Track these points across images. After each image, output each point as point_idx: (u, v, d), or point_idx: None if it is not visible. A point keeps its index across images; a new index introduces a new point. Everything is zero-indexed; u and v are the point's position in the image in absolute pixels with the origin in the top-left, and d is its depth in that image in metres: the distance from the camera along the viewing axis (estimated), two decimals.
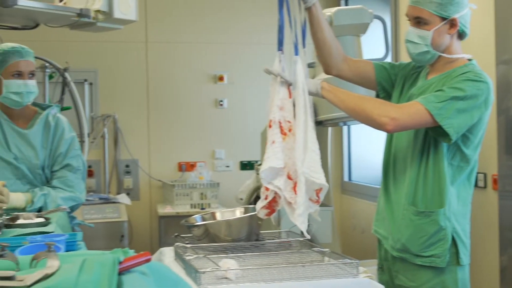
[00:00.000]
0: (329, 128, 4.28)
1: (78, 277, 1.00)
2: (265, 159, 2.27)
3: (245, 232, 2.53)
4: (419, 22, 2.41)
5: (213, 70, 5.81)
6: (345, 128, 5.81)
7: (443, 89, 2.32)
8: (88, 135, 4.88)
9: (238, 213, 2.74)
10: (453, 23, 2.38)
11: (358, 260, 2.15)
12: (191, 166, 5.75)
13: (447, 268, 2.39)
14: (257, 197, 4.45)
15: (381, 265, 2.65)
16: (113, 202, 5.15)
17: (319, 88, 2.41)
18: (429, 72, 2.51)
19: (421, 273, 2.43)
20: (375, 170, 5.33)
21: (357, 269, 2.13)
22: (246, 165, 5.89)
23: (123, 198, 5.30)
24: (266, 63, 2.44)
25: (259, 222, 2.56)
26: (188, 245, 2.42)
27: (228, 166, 5.88)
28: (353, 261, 2.14)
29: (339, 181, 5.87)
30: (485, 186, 3.59)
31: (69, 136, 2.90)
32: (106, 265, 1.03)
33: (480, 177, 3.55)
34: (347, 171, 5.88)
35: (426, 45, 2.39)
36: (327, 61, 2.60)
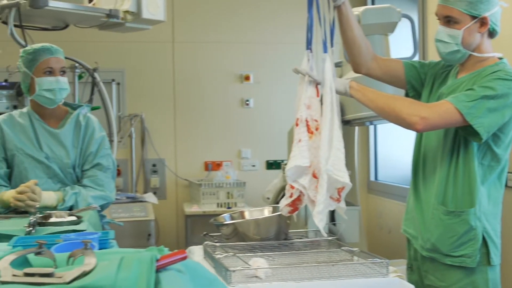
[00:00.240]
0: (355, 127, 4.27)
1: (117, 274, 1.01)
2: (291, 158, 2.28)
3: (273, 231, 2.53)
4: (449, 21, 2.39)
5: (239, 69, 5.83)
6: (371, 127, 5.79)
7: (473, 88, 2.31)
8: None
9: (266, 212, 2.75)
10: (483, 22, 2.36)
11: (387, 259, 2.15)
12: (217, 165, 5.77)
13: (477, 268, 2.38)
14: (284, 196, 4.45)
15: (411, 265, 2.63)
16: (140, 201, 5.19)
17: (347, 87, 2.41)
18: (459, 71, 2.49)
19: (451, 273, 2.41)
20: (401, 169, 5.30)
21: (387, 268, 2.13)
22: (272, 165, 5.90)
23: (150, 197, 5.34)
24: (292, 62, 2.44)
25: (288, 221, 2.56)
26: (217, 244, 2.43)
27: (254, 165, 5.89)
28: (383, 261, 2.14)
29: (365, 181, 5.85)
30: None
31: (99, 135, 2.93)
32: (144, 262, 1.04)
33: (510, 176, 3.51)
34: (373, 170, 5.85)
35: (456, 44, 2.37)
36: (356, 60, 2.60)
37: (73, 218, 2.31)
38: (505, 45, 3.17)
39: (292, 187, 2.28)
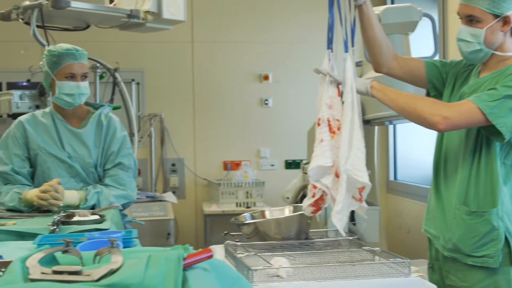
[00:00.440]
0: (375, 127, 4.26)
1: (145, 272, 1.02)
2: (313, 158, 2.28)
3: (294, 230, 2.54)
4: (471, 20, 2.37)
5: (258, 69, 5.84)
6: (390, 127, 5.77)
7: (496, 87, 2.29)
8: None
9: (287, 212, 2.75)
10: (506, 20, 2.34)
11: (409, 259, 2.14)
12: (236, 165, 5.78)
13: (499, 268, 2.36)
14: (304, 196, 4.45)
15: (432, 265, 2.62)
16: (160, 200, 5.22)
17: (368, 87, 2.41)
18: (481, 70, 2.48)
19: (472, 274, 2.40)
20: (421, 169, 5.28)
21: (409, 268, 2.12)
22: (291, 164, 5.90)
23: (170, 196, 5.37)
24: (311, 62, 2.45)
25: (308, 220, 2.56)
26: (238, 243, 2.44)
27: (273, 165, 5.90)
28: (405, 261, 2.13)
29: (384, 181, 5.84)
30: None
31: (121, 135, 2.95)
32: (171, 261, 1.05)
33: None
34: (392, 170, 5.84)
35: (478, 43, 2.36)
36: (377, 59, 2.59)
37: (96, 217, 2.32)
38: None
39: (314, 187, 2.28)
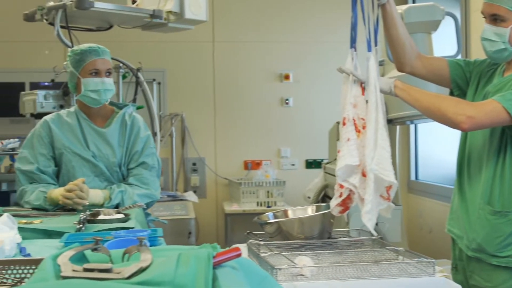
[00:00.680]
0: (397, 126, 4.25)
1: (176, 270, 1.03)
2: (340, 157, 2.27)
3: (317, 230, 2.53)
4: (495, 19, 2.36)
5: (279, 68, 5.84)
6: (411, 127, 5.75)
7: None
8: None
9: (309, 211, 2.75)
10: None
11: (434, 259, 2.14)
12: (257, 164, 5.79)
13: None
14: (325, 196, 4.45)
15: (455, 265, 2.61)
16: (181, 199, 5.25)
17: (392, 86, 2.40)
18: (505, 69, 2.46)
19: (497, 274, 2.38)
20: (442, 169, 5.26)
21: (434, 268, 2.11)
22: (311, 164, 5.90)
23: (191, 195, 5.39)
24: (331, 61, 2.45)
25: (332, 220, 2.56)
26: (261, 242, 2.44)
27: (293, 164, 5.90)
28: (429, 260, 2.12)
29: (405, 180, 5.82)
30: None
31: (144, 134, 2.97)
32: (201, 259, 1.06)
33: None
34: (413, 170, 5.81)
35: (503, 42, 2.35)
36: (400, 59, 2.58)
37: (121, 215, 2.35)
38: None
39: (341, 187, 2.27)
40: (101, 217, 2.31)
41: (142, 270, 1.14)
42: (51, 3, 3.46)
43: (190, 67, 5.76)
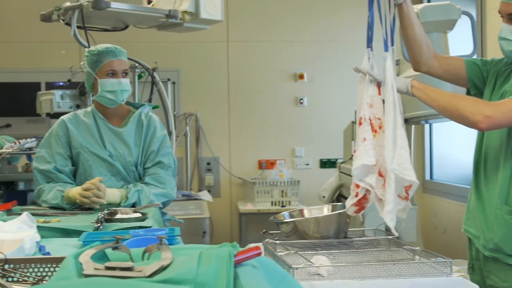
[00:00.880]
0: (412, 126, 4.24)
1: (197, 269, 1.04)
2: (357, 157, 2.27)
3: (333, 229, 2.53)
4: None
5: (293, 68, 5.84)
6: (426, 126, 5.73)
7: None
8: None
9: (325, 211, 2.75)
10: None
11: (451, 259, 2.13)
12: (271, 164, 5.80)
13: None
14: (340, 195, 4.45)
15: (472, 265, 2.60)
16: (195, 199, 5.26)
17: (409, 86, 2.39)
18: None
19: None
20: (457, 168, 5.23)
21: (451, 268, 2.10)
22: (325, 163, 5.90)
23: (205, 195, 5.41)
24: (345, 61, 2.45)
25: (348, 219, 2.56)
26: (277, 242, 2.45)
27: (307, 164, 5.90)
28: (446, 260, 2.12)
29: (420, 180, 5.79)
30: None
31: (160, 134, 2.98)
32: (223, 257, 1.07)
33: None
34: (428, 169, 5.79)
35: None
36: (417, 58, 2.58)
37: (138, 215, 2.36)
38: None
39: (357, 186, 2.27)
40: (118, 216, 2.33)
41: (163, 268, 1.15)
42: (68, 4, 3.49)
43: (204, 67, 5.77)
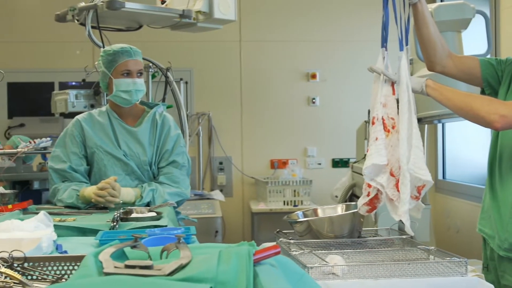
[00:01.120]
0: (425, 126, 4.23)
1: (217, 267, 1.05)
2: (368, 156, 2.27)
3: (347, 229, 2.54)
4: None
5: (306, 68, 5.85)
6: (439, 126, 5.71)
7: None
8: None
9: (339, 210, 2.75)
10: None
11: (466, 258, 2.13)
12: (283, 163, 5.80)
13: None
14: (353, 195, 4.44)
15: (487, 265, 2.60)
16: (208, 198, 5.28)
17: (424, 86, 2.39)
18: None
19: None
20: (470, 168, 5.21)
21: (466, 267, 2.10)
22: (338, 163, 5.89)
23: (217, 194, 5.42)
24: (358, 60, 2.45)
25: (361, 219, 2.56)
26: (291, 241, 2.45)
27: (320, 163, 5.90)
28: (461, 260, 2.12)
29: (433, 180, 5.77)
30: None
31: (174, 133, 3.00)
32: (242, 256, 1.08)
33: None
34: (441, 169, 5.78)
35: None
36: (431, 58, 2.57)
37: (153, 214, 2.37)
38: None
39: (369, 186, 2.28)
40: (134, 215, 2.34)
41: (182, 267, 1.16)
42: (83, 4, 3.50)
43: (217, 66, 5.79)
